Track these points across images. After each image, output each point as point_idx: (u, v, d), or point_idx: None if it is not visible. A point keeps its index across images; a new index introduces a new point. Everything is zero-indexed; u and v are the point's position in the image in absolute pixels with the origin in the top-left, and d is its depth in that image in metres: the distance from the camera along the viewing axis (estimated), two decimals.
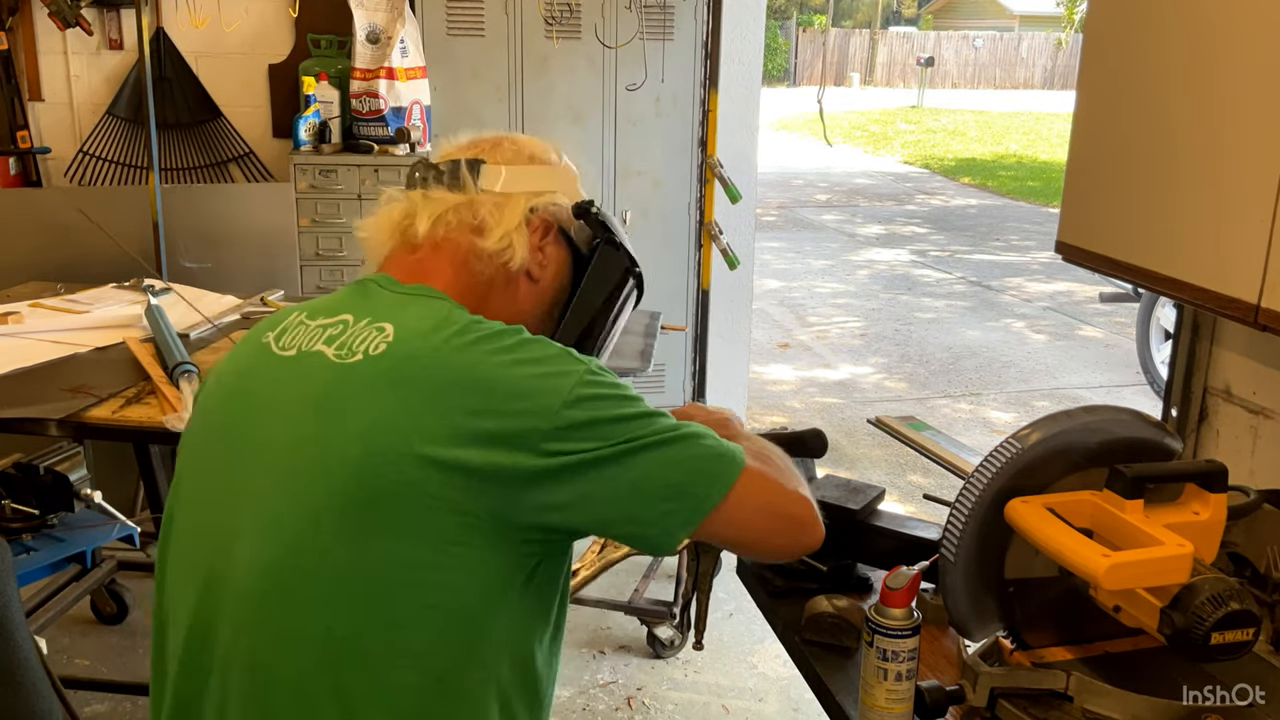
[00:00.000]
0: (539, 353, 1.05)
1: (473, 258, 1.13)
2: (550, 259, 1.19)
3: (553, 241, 1.19)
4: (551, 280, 1.20)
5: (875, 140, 18.32)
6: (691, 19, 4.08)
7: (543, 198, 1.16)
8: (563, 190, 1.20)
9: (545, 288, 1.20)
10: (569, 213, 1.20)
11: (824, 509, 1.58)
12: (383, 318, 1.06)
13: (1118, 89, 1.72)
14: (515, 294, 1.17)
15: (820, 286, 8.34)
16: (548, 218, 1.17)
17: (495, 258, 1.13)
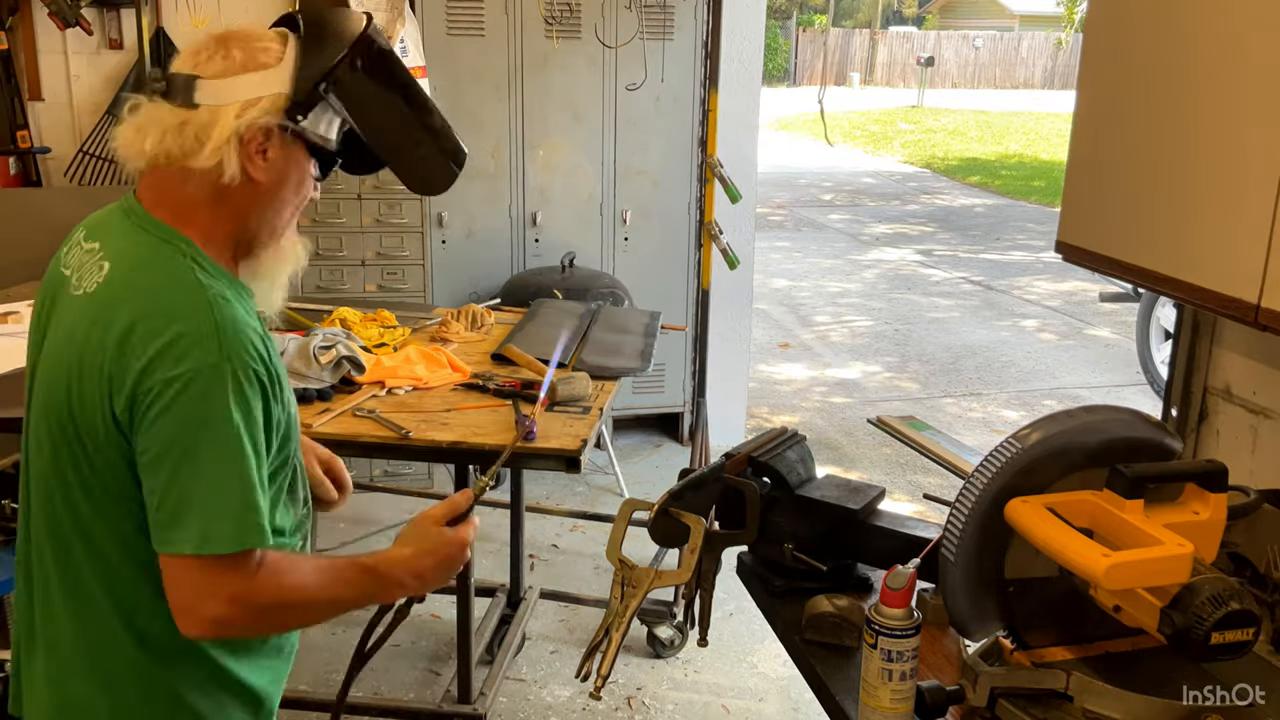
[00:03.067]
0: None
1: (189, 179, 1.23)
2: (275, 160, 1.25)
3: (277, 144, 1.24)
4: (279, 178, 1.26)
5: (875, 140, 18.32)
6: (691, 19, 4.08)
7: (256, 106, 1.21)
8: (285, 85, 1.24)
9: (271, 186, 1.26)
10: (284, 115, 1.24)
11: (824, 509, 1.59)
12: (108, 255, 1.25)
13: (1118, 89, 1.72)
14: (236, 202, 1.25)
15: (828, 286, 8.34)
16: (262, 126, 1.22)
17: (206, 175, 1.22)
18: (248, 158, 1.23)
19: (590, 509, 3.90)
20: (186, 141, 1.21)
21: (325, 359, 2.41)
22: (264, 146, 1.23)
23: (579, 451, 2.14)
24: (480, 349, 2.75)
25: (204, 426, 1.15)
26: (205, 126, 1.21)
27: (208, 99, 1.21)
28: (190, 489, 1.14)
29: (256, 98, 1.22)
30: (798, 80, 29.43)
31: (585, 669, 1.37)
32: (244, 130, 1.21)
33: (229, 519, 1.14)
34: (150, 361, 1.15)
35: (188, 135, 1.21)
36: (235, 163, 1.21)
